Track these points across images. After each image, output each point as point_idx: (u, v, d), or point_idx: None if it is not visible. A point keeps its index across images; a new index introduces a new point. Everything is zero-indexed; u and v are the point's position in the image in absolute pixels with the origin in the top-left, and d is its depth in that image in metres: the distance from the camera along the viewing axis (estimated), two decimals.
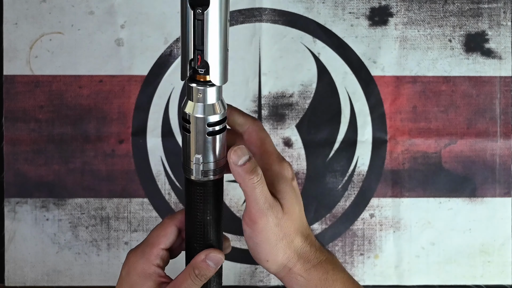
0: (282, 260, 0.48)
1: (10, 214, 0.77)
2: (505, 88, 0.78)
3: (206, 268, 0.49)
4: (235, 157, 0.46)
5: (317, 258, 0.49)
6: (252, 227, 0.47)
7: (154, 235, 0.51)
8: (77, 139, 0.77)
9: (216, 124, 0.47)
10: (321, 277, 0.48)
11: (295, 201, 0.49)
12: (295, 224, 0.48)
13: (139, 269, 0.50)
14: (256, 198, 0.46)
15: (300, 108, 0.78)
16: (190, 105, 0.47)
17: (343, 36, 0.78)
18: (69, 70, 0.78)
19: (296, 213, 0.48)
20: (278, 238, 0.47)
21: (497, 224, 0.78)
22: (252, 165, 0.46)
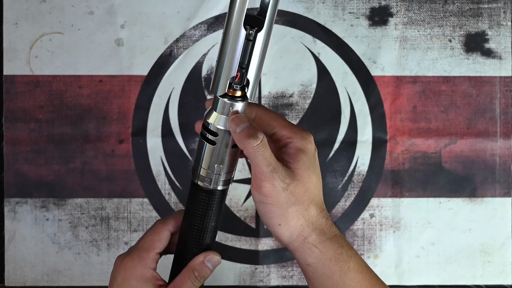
0: (296, 226, 0.47)
1: (10, 214, 0.77)
2: (505, 88, 0.78)
3: (205, 270, 0.50)
4: (233, 125, 0.46)
5: (332, 232, 0.48)
6: (259, 191, 0.47)
7: (148, 240, 0.52)
8: (77, 139, 0.77)
9: None
10: (336, 250, 0.47)
11: (312, 172, 0.48)
12: (309, 193, 0.48)
13: (138, 274, 0.50)
14: (258, 162, 0.46)
15: (300, 108, 0.78)
16: (218, 118, 0.48)
17: (343, 36, 0.78)
18: (69, 70, 0.78)
19: (311, 183, 0.48)
20: (289, 202, 0.47)
21: (497, 224, 0.78)
22: (251, 131, 0.46)
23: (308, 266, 0.48)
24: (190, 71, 0.78)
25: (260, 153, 0.46)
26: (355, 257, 0.48)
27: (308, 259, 0.48)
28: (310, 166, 0.48)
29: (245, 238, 0.78)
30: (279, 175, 0.46)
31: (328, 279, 0.47)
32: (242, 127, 0.46)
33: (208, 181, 0.50)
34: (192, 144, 0.78)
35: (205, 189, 0.50)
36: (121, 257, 0.52)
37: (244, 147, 0.46)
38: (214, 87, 0.47)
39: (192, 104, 0.78)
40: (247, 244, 0.78)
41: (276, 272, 0.78)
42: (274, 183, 0.46)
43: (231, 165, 0.50)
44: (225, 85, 0.47)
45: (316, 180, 0.49)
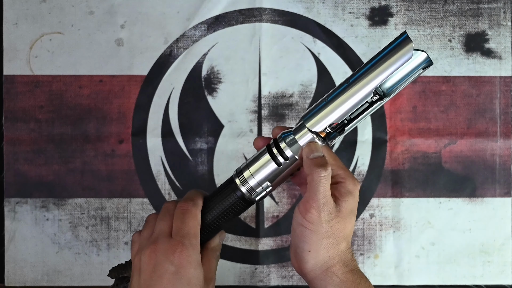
0: (324, 257, 0.51)
1: (10, 214, 0.77)
2: (505, 88, 0.78)
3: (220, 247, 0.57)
4: (308, 150, 0.50)
5: (354, 266, 0.52)
6: (304, 215, 0.50)
7: (191, 226, 0.53)
8: (77, 139, 0.77)
9: None
10: (355, 281, 0.51)
11: (353, 214, 0.52)
12: (346, 231, 0.52)
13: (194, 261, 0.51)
14: (317, 190, 0.49)
15: (300, 108, 0.78)
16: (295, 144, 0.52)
17: (343, 36, 0.78)
18: (69, 70, 0.78)
19: (351, 223, 0.52)
20: (326, 234, 0.50)
21: (497, 224, 0.78)
22: (323, 160, 0.50)
23: None
24: (190, 71, 0.78)
25: (322, 184, 0.49)
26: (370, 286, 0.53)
27: (328, 286, 0.51)
28: (354, 208, 0.52)
29: (245, 238, 0.78)
30: (328, 208, 0.50)
31: None
32: (316, 155, 0.50)
33: (253, 193, 0.53)
34: (192, 144, 0.78)
35: (245, 197, 0.53)
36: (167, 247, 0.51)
37: (311, 173, 0.50)
38: (308, 116, 0.50)
39: (192, 104, 0.78)
40: (247, 244, 0.78)
41: (276, 272, 0.78)
42: (321, 213, 0.50)
43: (277, 185, 0.53)
44: (323, 126, 0.50)
45: (353, 223, 0.53)
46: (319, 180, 0.49)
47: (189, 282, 0.50)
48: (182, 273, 0.49)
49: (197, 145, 0.78)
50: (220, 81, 0.78)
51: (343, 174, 0.52)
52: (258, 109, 0.78)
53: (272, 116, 0.78)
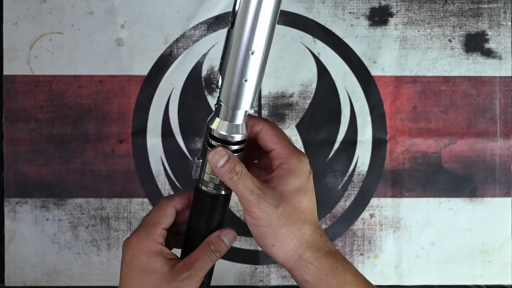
0: (289, 246, 0.48)
1: (10, 214, 0.77)
2: (505, 88, 0.78)
3: (221, 244, 0.51)
4: (214, 160, 0.47)
5: (327, 248, 0.49)
6: (251, 216, 0.48)
7: (154, 216, 0.51)
8: (77, 139, 0.77)
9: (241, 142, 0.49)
10: (332, 265, 0.48)
11: (303, 194, 0.49)
12: (301, 213, 0.48)
13: (146, 249, 0.50)
14: (241, 193, 0.47)
15: (300, 108, 0.78)
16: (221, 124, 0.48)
17: (343, 36, 0.78)
18: (69, 70, 0.78)
19: (302, 204, 0.49)
20: (280, 223, 0.47)
21: (497, 224, 0.78)
22: (230, 165, 0.47)
23: (306, 283, 0.49)
24: (190, 71, 0.78)
25: (241, 185, 0.47)
26: (351, 270, 0.49)
27: (304, 276, 0.48)
28: (301, 188, 0.49)
29: (245, 238, 0.78)
30: (266, 199, 0.47)
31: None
32: (222, 163, 0.47)
33: (211, 186, 0.50)
34: (192, 144, 0.78)
35: (209, 193, 0.51)
36: (127, 238, 0.52)
37: (225, 181, 0.47)
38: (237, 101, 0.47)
39: (192, 104, 0.78)
40: (247, 244, 0.78)
41: (276, 272, 0.78)
42: (262, 207, 0.47)
43: None
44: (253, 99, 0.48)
45: (308, 201, 0.49)
46: (235, 185, 0.47)
47: (142, 269, 0.49)
48: (134, 261, 0.50)
49: (197, 145, 0.78)
50: None
51: (285, 154, 0.49)
52: (258, 109, 0.78)
53: (272, 116, 0.78)
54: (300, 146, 0.78)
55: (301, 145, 0.78)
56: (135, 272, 0.49)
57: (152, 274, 0.49)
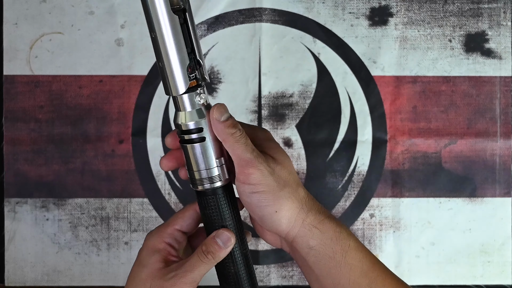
0: (292, 209, 0.46)
1: (10, 214, 0.77)
2: (505, 88, 0.78)
3: (214, 246, 0.49)
4: (217, 114, 0.46)
5: (326, 212, 0.47)
6: (248, 181, 0.46)
7: (172, 217, 0.52)
8: (77, 139, 0.77)
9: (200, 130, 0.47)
10: (336, 229, 0.46)
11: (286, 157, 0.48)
12: (293, 175, 0.48)
13: (150, 244, 0.50)
14: (243, 149, 0.46)
15: (300, 108, 0.78)
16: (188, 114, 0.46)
17: (343, 36, 0.78)
18: (69, 70, 0.78)
19: (291, 166, 0.48)
20: (279, 185, 0.46)
21: (497, 224, 0.78)
22: (233, 121, 0.46)
23: (311, 250, 0.47)
24: None
25: (243, 141, 0.46)
26: (353, 236, 0.48)
27: (310, 241, 0.47)
28: (282, 151, 0.49)
29: None
30: (264, 160, 0.46)
31: (330, 260, 0.46)
32: (226, 117, 0.46)
33: (206, 181, 0.48)
34: None
35: (207, 192, 0.49)
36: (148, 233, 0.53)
37: (226, 137, 0.46)
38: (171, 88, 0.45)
39: None
40: None
41: (276, 272, 0.78)
42: (261, 167, 0.45)
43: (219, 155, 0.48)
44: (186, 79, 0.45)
45: (291, 166, 0.49)
46: (237, 140, 0.45)
47: (139, 262, 0.50)
48: (138, 254, 0.51)
49: None
50: (220, 81, 0.78)
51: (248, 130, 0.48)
52: (258, 109, 0.78)
53: (272, 116, 0.78)
54: (300, 146, 0.78)
55: (301, 145, 0.78)
56: (134, 265, 0.50)
57: (144, 268, 0.49)
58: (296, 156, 0.78)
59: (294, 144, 0.78)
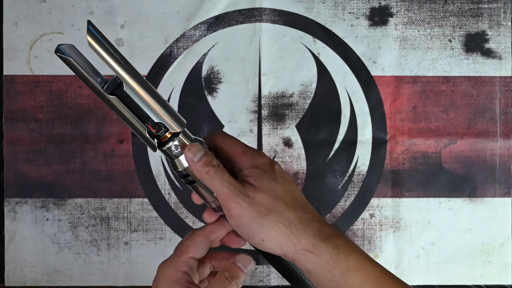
0: (279, 235, 0.46)
1: (10, 214, 0.77)
2: (505, 88, 0.78)
3: (236, 270, 0.50)
4: (190, 155, 0.47)
5: (324, 233, 0.46)
6: (231, 215, 0.46)
7: (183, 245, 0.51)
8: (77, 139, 0.77)
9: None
10: (332, 252, 0.45)
11: (273, 182, 0.47)
12: (279, 200, 0.46)
13: (167, 275, 0.50)
14: (219, 186, 0.46)
15: (300, 108, 0.78)
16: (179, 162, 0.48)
17: (343, 36, 0.78)
18: (69, 70, 0.77)
19: (276, 191, 0.47)
20: (261, 214, 0.46)
21: (497, 224, 0.78)
22: (207, 159, 0.46)
23: (310, 273, 0.46)
24: (190, 71, 0.78)
25: (218, 178, 0.46)
26: (353, 254, 0.45)
27: (306, 265, 0.46)
28: (269, 177, 0.48)
29: None
30: (241, 192, 0.46)
31: (331, 283, 0.45)
32: (199, 156, 0.47)
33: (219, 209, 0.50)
34: None
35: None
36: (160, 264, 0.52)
37: (202, 176, 0.47)
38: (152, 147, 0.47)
39: (192, 104, 0.78)
40: (247, 244, 0.78)
41: (276, 272, 0.78)
42: (239, 200, 0.46)
43: None
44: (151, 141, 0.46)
45: (282, 189, 0.47)
46: (212, 178, 0.46)
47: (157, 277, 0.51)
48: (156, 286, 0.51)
49: None
50: (220, 81, 0.78)
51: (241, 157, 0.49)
52: (258, 109, 0.78)
53: (272, 116, 0.78)
54: (300, 146, 0.78)
55: (301, 145, 0.78)
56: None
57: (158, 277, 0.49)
58: (296, 156, 0.78)
59: (294, 144, 0.78)
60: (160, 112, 0.45)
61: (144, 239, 0.78)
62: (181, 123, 0.46)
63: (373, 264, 0.46)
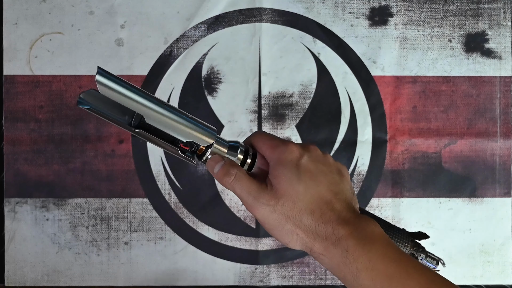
0: (298, 240, 0.48)
1: (10, 214, 0.77)
2: (505, 88, 0.78)
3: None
4: (210, 168, 0.49)
5: (336, 235, 0.46)
6: (256, 218, 0.49)
7: None
8: (77, 139, 0.77)
9: None
10: (342, 254, 0.46)
11: (296, 182, 0.48)
12: (299, 204, 0.47)
13: None
14: (240, 195, 0.48)
15: (300, 108, 0.78)
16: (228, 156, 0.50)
17: (343, 36, 0.78)
18: (69, 70, 0.78)
19: (298, 193, 0.48)
20: (281, 222, 0.47)
21: (497, 224, 0.78)
22: (224, 169, 0.48)
23: (327, 270, 0.48)
24: (190, 71, 0.78)
25: (237, 187, 0.48)
26: (363, 256, 0.46)
27: (323, 265, 0.48)
28: (293, 176, 0.48)
29: (245, 238, 0.78)
30: (263, 201, 0.47)
31: (345, 281, 0.47)
32: (218, 168, 0.48)
33: None
34: None
35: None
36: None
37: (224, 185, 0.48)
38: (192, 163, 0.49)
39: (192, 104, 0.78)
40: (247, 244, 0.78)
41: (276, 272, 0.78)
42: (260, 210, 0.47)
43: None
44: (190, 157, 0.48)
45: (304, 188, 0.48)
46: (232, 187, 0.48)
47: None
48: None
49: None
50: (220, 81, 0.78)
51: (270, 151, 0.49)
52: (258, 109, 0.78)
53: (272, 116, 0.78)
54: None
55: None
56: None
57: None
58: None
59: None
60: (186, 133, 0.47)
61: (144, 239, 0.78)
62: (210, 135, 0.48)
63: (386, 261, 0.46)
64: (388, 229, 0.52)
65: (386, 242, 0.47)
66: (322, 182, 0.48)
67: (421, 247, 0.53)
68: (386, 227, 0.52)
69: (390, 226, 0.53)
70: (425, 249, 0.53)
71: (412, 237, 0.53)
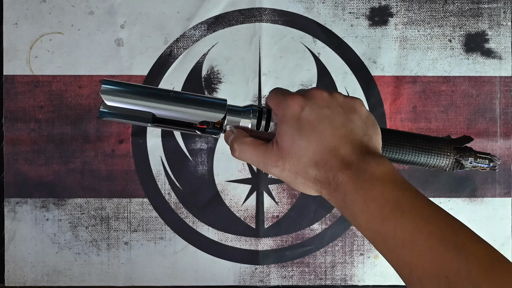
0: (313, 190, 0.50)
1: (10, 214, 0.77)
2: (505, 88, 0.78)
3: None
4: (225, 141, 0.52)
5: (336, 181, 0.48)
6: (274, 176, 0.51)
7: None
8: (77, 139, 0.77)
9: None
10: (342, 199, 0.47)
11: (297, 137, 0.48)
12: (303, 159, 0.48)
13: None
14: (252, 164, 0.50)
15: None
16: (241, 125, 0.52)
17: (343, 36, 0.78)
18: (69, 70, 0.78)
19: (300, 148, 0.48)
20: (293, 178, 0.49)
21: (497, 224, 0.78)
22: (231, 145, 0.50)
23: None
24: (190, 71, 0.78)
25: (245, 158, 0.50)
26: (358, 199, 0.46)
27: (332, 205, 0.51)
28: (294, 133, 0.48)
29: (245, 238, 0.78)
30: (271, 163, 0.49)
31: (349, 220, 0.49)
32: (229, 141, 0.51)
33: None
34: (191, 144, 0.78)
35: None
36: None
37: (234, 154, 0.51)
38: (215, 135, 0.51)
39: None
40: (247, 244, 0.78)
41: (276, 272, 0.78)
42: (272, 171, 0.49)
43: None
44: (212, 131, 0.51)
45: (307, 142, 0.48)
46: (242, 159, 0.50)
47: None
48: None
49: (197, 145, 0.78)
50: (220, 81, 0.78)
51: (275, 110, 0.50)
52: None
53: None
54: None
55: None
56: None
57: None
58: None
59: None
60: (196, 115, 0.50)
61: (144, 239, 0.78)
62: (218, 110, 0.50)
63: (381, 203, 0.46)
64: (428, 142, 0.52)
65: (387, 181, 0.46)
66: (325, 130, 0.48)
67: (467, 150, 0.52)
68: (426, 141, 0.52)
69: (430, 139, 0.52)
70: (472, 150, 0.52)
71: (455, 143, 0.52)
